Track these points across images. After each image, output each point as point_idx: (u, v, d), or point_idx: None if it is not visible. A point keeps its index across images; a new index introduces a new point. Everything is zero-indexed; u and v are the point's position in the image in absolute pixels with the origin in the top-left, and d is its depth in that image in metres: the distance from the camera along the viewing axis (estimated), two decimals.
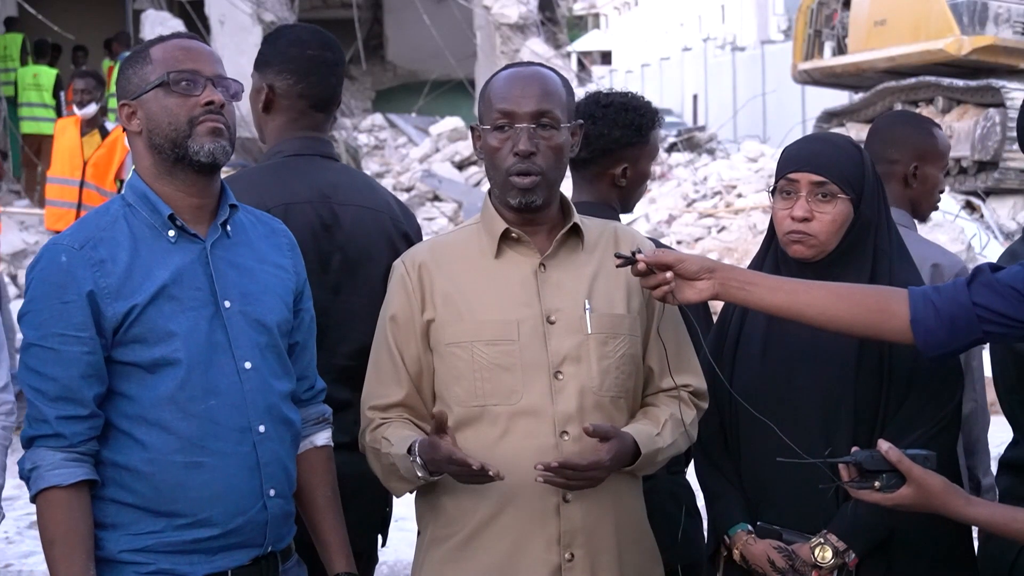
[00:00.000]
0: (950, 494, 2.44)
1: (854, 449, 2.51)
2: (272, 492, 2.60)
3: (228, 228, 2.64)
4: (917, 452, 2.47)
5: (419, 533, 2.85)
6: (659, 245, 3.34)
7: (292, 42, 3.30)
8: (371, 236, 3.24)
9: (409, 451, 2.62)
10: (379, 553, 3.40)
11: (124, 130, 2.63)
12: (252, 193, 3.02)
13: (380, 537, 3.37)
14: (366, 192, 3.32)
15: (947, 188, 14.37)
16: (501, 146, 2.67)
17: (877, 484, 2.45)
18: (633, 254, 2.63)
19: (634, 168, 3.54)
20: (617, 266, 2.65)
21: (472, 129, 2.77)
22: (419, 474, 2.62)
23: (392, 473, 2.70)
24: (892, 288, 2.67)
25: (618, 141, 3.49)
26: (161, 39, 2.63)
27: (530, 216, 2.73)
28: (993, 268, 2.56)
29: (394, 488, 2.76)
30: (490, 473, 2.52)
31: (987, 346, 2.89)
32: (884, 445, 2.45)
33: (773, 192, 2.93)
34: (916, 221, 3.82)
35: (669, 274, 2.62)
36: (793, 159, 2.91)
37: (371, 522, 3.29)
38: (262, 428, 2.59)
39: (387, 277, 3.29)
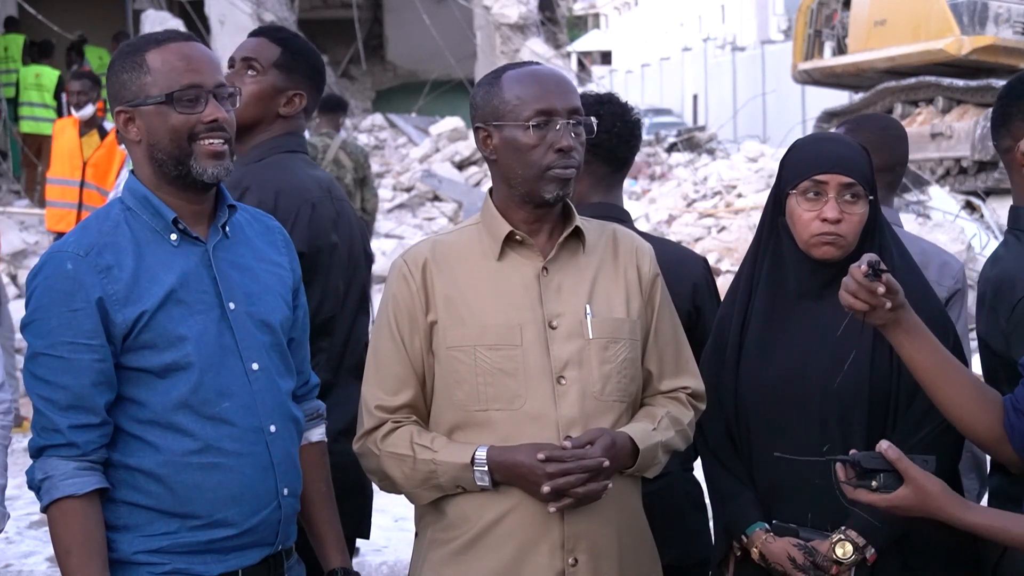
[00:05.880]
0: (948, 498, 2.44)
1: (852, 451, 2.51)
2: (286, 491, 2.61)
3: (226, 229, 2.64)
4: (917, 455, 2.46)
5: (417, 535, 2.84)
6: (660, 244, 3.35)
7: (316, 59, 3.51)
8: (354, 229, 3.42)
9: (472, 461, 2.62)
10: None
11: (117, 132, 2.61)
12: (287, 190, 3.24)
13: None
14: (341, 189, 3.54)
15: (947, 188, 14.39)
16: (539, 143, 2.67)
17: (874, 484, 2.43)
18: (877, 270, 2.55)
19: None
20: (865, 275, 2.56)
21: (479, 128, 2.74)
22: (481, 483, 2.63)
23: (426, 480, 2.68)
24: (996, 399, 2.68)
25: (637, 145, 3.56)
26: (156, 40, 2.58)
27: (543, 213, 2.73)
28: None
29: (420, 495, 2.72)
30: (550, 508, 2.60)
31: (976, 353, 2.89)
32: (884, 444, 2.44)
33: (789, 194, 2.92)
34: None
35: (889, 304, 2.58)
36: (819, 161, 2.89)
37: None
38: (273, 428, 2.59)
39: (367, 268, 3.42)
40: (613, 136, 3.42)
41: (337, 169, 9.74)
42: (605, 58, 52.25)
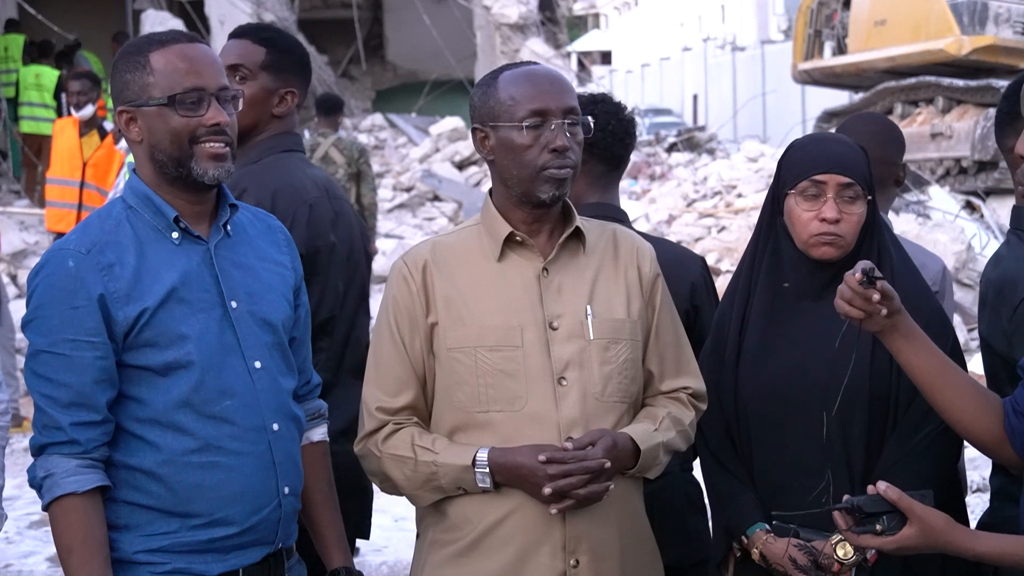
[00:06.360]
0: (954, 531, 2.43)
1: (846, 497, 2.49)
2: (287, 490, 2.61)
3: (228, 228, 2.64)
4: (914, 491, 2.45)
5: (418, 536, 2.84)
6: (658, 244, 3.35)
7: (302, 53, 3.50)
8: (353, 228, 3.41)
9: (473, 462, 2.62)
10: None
11: (118, 131, 2.61)
12: (284, 191, 3.25)
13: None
14: (339, 187, 3.54)
15: (947, 188, 14.40)
16: (533, 143, 2.66)
17: (879, 527, 2.41)
18: (871, 277, 2.54)
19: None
20: (860, 282, 2.56)
21: (476, 129, 2.74)
22: (482, 485, 2.62)
23: (428, 482, 2.67)
24: (995, 402, 2.67)
25: (632, 144, 3.55)
26: (159, 40, 2.57)
27: (542, 213, 2.72)
28: None
29: (421, 497, 2.72)
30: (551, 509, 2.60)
31: (978, 352, 2.89)
32: (882, 485, 2.42)
33: (787, 194, 2.92)
34: None
35: (885, 311, 2.57)
36: (818, 161, 2.90)
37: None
38: (276, 427, 2.59)
39: (367, 268, 3.45)
40: (608, 135, 3.41)
41: (327, 166, 9.72)
42: (605, 58, 52.26)
